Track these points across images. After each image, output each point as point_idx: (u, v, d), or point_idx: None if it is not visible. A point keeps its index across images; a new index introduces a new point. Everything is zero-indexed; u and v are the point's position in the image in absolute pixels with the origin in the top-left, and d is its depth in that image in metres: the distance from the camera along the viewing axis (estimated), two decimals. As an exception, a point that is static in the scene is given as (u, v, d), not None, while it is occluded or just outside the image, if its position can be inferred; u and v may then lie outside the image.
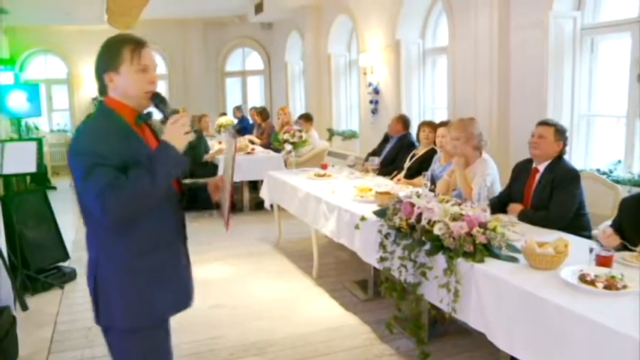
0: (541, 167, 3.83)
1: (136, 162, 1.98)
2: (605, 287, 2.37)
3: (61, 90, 13.21)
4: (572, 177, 3.70)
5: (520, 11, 5.51)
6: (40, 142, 5.14)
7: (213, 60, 13.83)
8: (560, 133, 3.80)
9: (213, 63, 13.84)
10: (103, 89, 2.12)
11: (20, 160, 4.97)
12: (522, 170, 4.00)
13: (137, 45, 2.08)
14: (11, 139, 7.87)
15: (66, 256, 5.58)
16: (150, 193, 1.97)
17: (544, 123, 3.87)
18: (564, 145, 3.81)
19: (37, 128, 11.93)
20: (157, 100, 2.13)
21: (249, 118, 11.97)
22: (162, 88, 13.76)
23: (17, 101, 9.78)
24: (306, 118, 8.73)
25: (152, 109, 2.18)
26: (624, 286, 2.37)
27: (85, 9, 10.15)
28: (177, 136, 2.04)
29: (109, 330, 2.17)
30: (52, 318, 4.49)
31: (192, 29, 13.40)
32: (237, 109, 12.03)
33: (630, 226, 3.00)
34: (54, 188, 10.63)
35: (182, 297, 2.28)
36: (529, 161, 3.95)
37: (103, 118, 2.09)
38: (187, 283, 2.31)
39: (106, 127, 2.04)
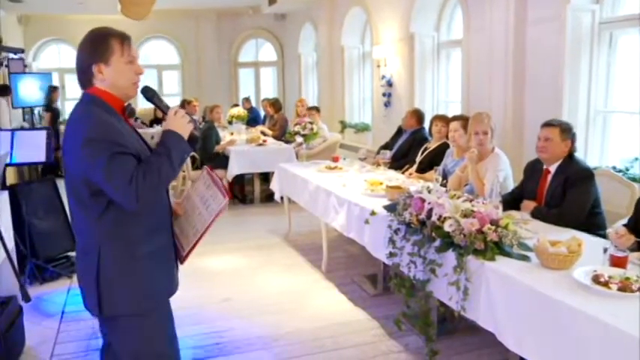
0: (552, 168, 3.74)
1: (140, 150, 2.10)
2: (620, 289, 2.30)
3: (74, 79, 13.16)
4: (586, 176, 3.60)
5: (537, 4, 5.40)
6: (49, 130, 5.13)
7: (226, 51, 13.79)
8: (567, 131, 3.69)
9: (226, 54, 13.80)
10: (87, 80, 2.14)
11: (30, 150, 4.96)
12: (534, 170, 3.91)
13: (125, 38, 2.16)
14: (22, 128, 7.89)
15: (75, 246, 5.58)
16: (171, 177, 2.10)
17: (548, 124, 3.74)
18: (572, 143, 3.71)
19: (50, 117, 11.96)
20: (150, 93, 2.24)
21: (259, 109, 11.92)
22: (174, 78, 13.84)
23: (29, 90, 9.83)
24: (315, 110, 8.66)
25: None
26: (639, 289, 2.30)
27: (99, -2, 10.15)
28: (181, 125, 2.16)
29: (113, 319, 2.19)
30: (59, 307, 4.49)
31: (205, 20, 13.36)
32: (247, 100, 11.99)
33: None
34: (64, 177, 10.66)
35: (174, 281, 2.35)
36: (540, 161, 3.87)
37: (98, 108, 2.09)
38: (176, 269, 2.38)
39: (108, 116, 2.07)
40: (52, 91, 10.44)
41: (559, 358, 2.30)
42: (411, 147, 6.04)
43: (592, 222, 3.57)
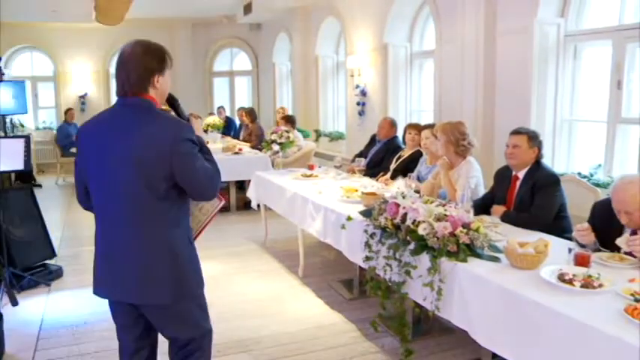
0: (520, 174, 3.92)
1: None
2: (583, 286, 2.45)
3: (47, 87, 13.14)
4: (552, 181, 3.78)
5: (506, 17, 5.61)
6: (28, 139, 5.13)
7: (201, 60, 13.82)
8: (534, 139, 3.87)
9: (200, 63, 13.83)
10: (143, 87, 2.30)
11: (8, 157, 4.96)
12: (503, 177, 4.08)
13: (168, 53, 2.42)
14: (-2, 136, 7.81)
15: (53, 254, 5.59)
16: None
17: (516, 132, 3.93)
18: (539, 150, 3.89)
19: (22, 125, 11.86)
20: (176, 102, 2.55)
21: (233, 118, 11.97)
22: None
23: (2, 98, 9.73)
24: (289, 120, 8.72)
25: None
26: (600, 285, 2.45)
27: (72, 6, 10.12)
28: (201, 133, 2.43)
29: (182, 300, 2.39)
30: (38, 316, 4.49)
31: (180, 29, 13.37)
32: (222, 109, 12.04)
33: (602, 229, 3.08)
34: (39, 186, 10.59)
35: None
36: (509, 168, 4.03)
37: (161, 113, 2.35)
38: None
39: None
40: None
41: (528, 351, 2.43)
42: (385, 155, 6.17)
43: (559, 225, 3.73)
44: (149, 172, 2.22)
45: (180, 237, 2.36)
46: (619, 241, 2.86)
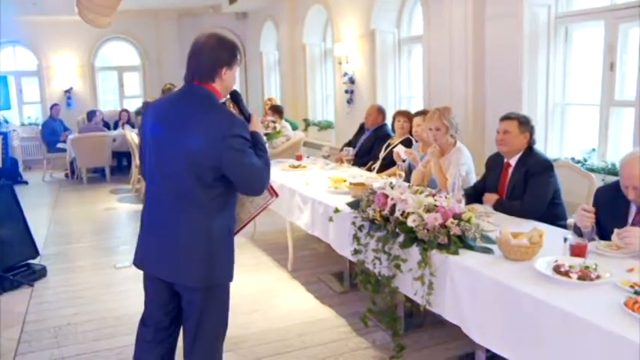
0: (512, 161, 3.79)
1: None
2: (579, 278, 2.34)
3: (31, 82, 12.90)
4: (545, 167, 3.66)
5: (495, 0, 5.47)
6: (5, 135, 4.98)
7: (187, 50, 13.38)
8: (524, 124, 3.75)
9: (187, 53, 13.59)
10: (209, 77, 2.43)
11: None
12: (495, 164, 3.95)
13: (239, 48, 2.51)
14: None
15: (36, 253, 5.45)
16: None
17: (506, 117, 3.80)
18: (531, 135, 3.77)
19: (6, 122, 11.66)
20: (239, 97, 2.60)
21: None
22: (135, 79, 13.62)
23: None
24: (277, 110, 8.57)
25: None
26: (598, 277, 2.34)
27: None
28: (260, 128, 2.58)
29: (215, 287, 2.47)
30: (20, 317, 4.36)
31: (165, 20, 13.16)
32: None
33: (605, 215, 2.98)
34: (25, 183, 10.42)
35: None
36: (500, 154, 3.91)
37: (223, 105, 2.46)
38: None
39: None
40: None
41: (522, 347, 2.33)
42: (374, 144, 6.04)
43: (553, 213, 3.62)
44: (198, 162, 2.30)
45: (220, 226, 2.41)
46: (613, 237, 2.76)
